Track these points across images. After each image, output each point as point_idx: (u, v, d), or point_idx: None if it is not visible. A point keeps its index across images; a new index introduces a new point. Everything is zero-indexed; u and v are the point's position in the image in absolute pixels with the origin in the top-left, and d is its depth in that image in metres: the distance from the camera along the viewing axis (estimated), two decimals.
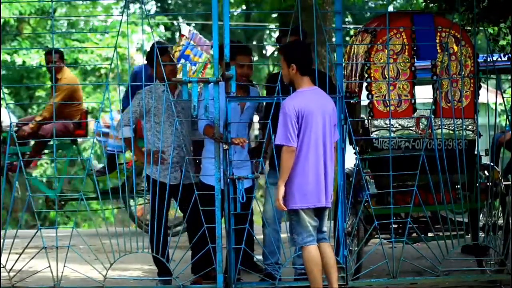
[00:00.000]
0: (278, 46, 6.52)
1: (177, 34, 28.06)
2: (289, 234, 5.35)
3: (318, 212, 5.34)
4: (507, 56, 7.13)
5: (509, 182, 6.55)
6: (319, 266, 5.25)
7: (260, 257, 6.95)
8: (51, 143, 9.15)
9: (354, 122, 6.13)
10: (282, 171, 5.22)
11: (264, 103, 6.38)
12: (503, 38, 7.49)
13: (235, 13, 25.14)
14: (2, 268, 6.01)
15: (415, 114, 6.37)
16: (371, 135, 6.28)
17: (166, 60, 6.16)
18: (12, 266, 6.02)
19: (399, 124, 6.33)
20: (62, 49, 19.76)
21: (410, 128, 6.34)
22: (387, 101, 6.23)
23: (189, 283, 6.06)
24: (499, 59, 7.27)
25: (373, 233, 6.19)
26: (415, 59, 6.35)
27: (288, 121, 5.17)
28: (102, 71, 21.20)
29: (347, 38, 8.70)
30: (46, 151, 9.61)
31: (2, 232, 6.30)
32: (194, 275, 6.17)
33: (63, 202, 9.61)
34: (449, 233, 6.25)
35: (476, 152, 6.43)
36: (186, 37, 8.26)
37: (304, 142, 5.21)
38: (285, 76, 5.40)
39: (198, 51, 8.14)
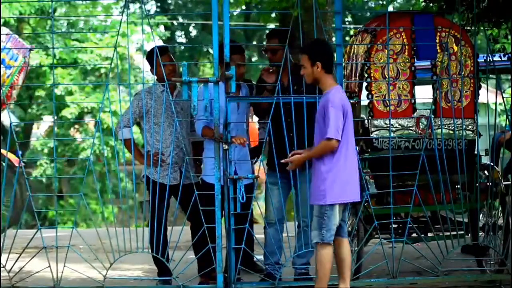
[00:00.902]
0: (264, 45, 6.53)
1: (177, 33, 28.10)
2: (315, 229, 5.26)
3: (344, 207, 5.37)
4: (507, 56, 7.13)
5: (509, 182, 6.55)
6: (331, 263, 5.28)
7: (260, 257, 6.96)
8: (51, 144, 9.10)
9: (354, 122, 6.12)
10: (313, 155, 5.25)
11: (254, 92, 6.39)
12: (505, 37, 7.47)
13: (235, 13, 25.13)
14: (2, 268, 6.01)
15: (415, 114, 6.37)
16: (371, 135, 6.27)
17: (166, 60, 6.16)
18: (12, 266, 6.02)
19: (399, 124, 6.33)
20: (62, 49, 19.83)
21: (410, 128, 6.34)
22: (387, 101, 6.23)
23: (189, 283, 6.06)
24: (499, 59, 7.27)
25: (373, 233, 6.19)
26: (415, 59, 6.35)
27: (339, 115, 5.19)
28: (102, 70, 21.22)
29: (347, 38, 8.69)
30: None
31: (2, 232, 6.30)
32: (198, 273, 6.20)
33: None
34: (449, 233, 6.25)
35: (476, 152, 6.43)
36: (2, 41, 8.13)
37: (344, 136, 5.25)
38: (308, 75, 5.35)
39: (14, 55, 8.00)
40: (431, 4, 7.77)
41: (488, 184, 6.35)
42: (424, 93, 7.05)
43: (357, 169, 5.35)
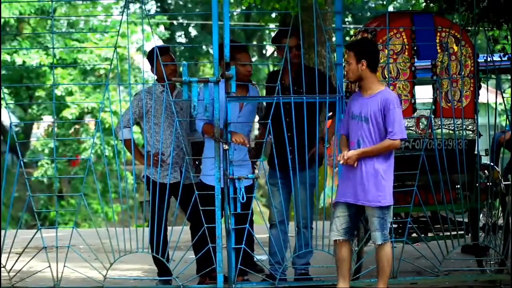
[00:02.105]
0: (275, 46, 6.51)
1: (177, 33, 28.10)
2: (377, 231, 5.30)
3: None
4: (507, 56, 7.12)
5: (509, 182, 6.55)
6: None
7: (260, 257, 6.96)
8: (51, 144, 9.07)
9: None
10: (372, 153, 5.27)
11: (265, 103, 6.37)
12: (505, 38, 7.47)
13: (235, 13, 25.13)
14: (2, 268, 6.01)
15: (415, 114, 6.37)
16: None
17: (167, 60, 6.16)
18: (12, 266, 6.02)
19: None
20: (62, 49, 19.83)
21: (410, 128, 6.34)
22: None
23: (189, 283, 6.06)
24: (499, 59, 7.26)
25: None
26: (415, 59, 6.35)
27: (402, 115, 5.32)
28: (102, 71, 21.22)
29: (347, 38, 8.69)
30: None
31: (2, 232, 6.30)
32: (197, 274, 6.20)
33: None
34: (449, 233, 6.25)
35: (476, 152, 6.43)
36: None
37: None
38: (352, 72, 5.38)
39: None
40: (431, 4, 7.77)
41: (488, 184, 6.35)
42: (424, 93, 7.05)
43: None
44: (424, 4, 8.03)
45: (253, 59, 26.57)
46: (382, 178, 5.24)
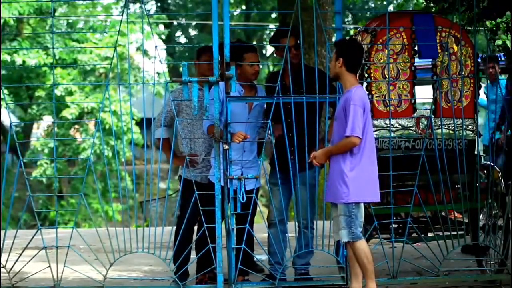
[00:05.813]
0: (274, 46, 6.51)
1: (177, 33, 28.09)
2: (344, 228, 5.25)
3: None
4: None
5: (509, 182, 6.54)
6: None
7: (260, 257, 6.95)
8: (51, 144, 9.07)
9: None
10: (334, 152, 5.29)
11: (265, 105, 6.37)
12: (504, 34, 7.47)
13: (235, 13, 25.14)
14: (2, 268, 6.01)
15: (415, 114, 6.37)
16: None
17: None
18: (12, 266, 6.02)
19: (399, 124, 6.32)
20: (61, 49, 19.82)
21: (410, 128, 6.34)
22: (387, 101, 6.23)
23: (189, 283, 6.06)
24: (499, 59, 7.27)
25: (373, 233, 6.19)
26: (415, 59, 6.35)
27: (358, 113, 5.21)
28: (101, 71, 21.20)
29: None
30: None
31: (2, 232, 6.30)
32: (197, 274, 6.20)
33: None
34: (449, 233, 6.25)
35: (476, 152, 6.43)
36: None
37: (368, 135, 5.28)
38: (330, 69, 5.46)
39: None
40: (431, 4, 7.78)
41: (488, 184, 6.35)
42: (424, 93, 7.05)
43: (377, 169, 5.35)
44: (424, 4, 8.04)
45: None
46: (346, 176, 5.22)
